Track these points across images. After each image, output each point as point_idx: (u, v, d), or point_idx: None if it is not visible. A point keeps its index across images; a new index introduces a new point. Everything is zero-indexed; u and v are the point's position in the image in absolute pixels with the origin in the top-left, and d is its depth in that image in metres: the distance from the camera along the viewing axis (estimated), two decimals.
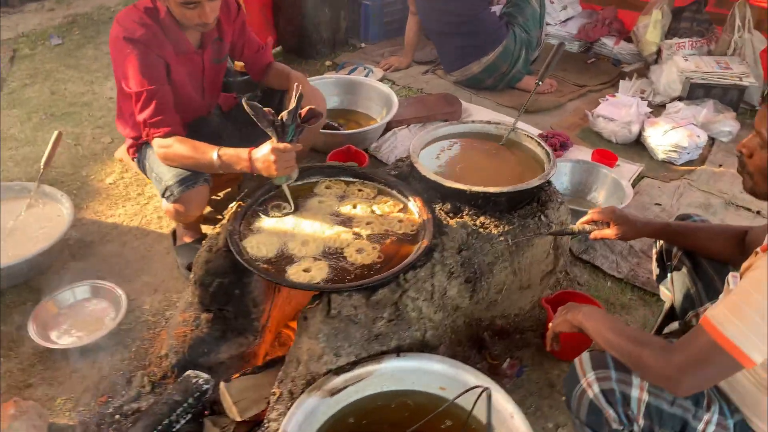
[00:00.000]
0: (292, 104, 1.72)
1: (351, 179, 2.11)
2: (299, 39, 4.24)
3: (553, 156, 2.11)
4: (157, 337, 2.10)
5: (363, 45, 4.53)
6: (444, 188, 1.97)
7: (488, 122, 2.37)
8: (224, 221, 1.89)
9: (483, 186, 1.95)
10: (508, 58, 3.63)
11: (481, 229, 1.94)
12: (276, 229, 1.86)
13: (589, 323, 1.43)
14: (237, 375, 1.86)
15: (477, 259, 1.91)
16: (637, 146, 3.27)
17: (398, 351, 1.70)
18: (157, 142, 1.97)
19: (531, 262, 2.05)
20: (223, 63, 2.31)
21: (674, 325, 1.67)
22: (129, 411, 1.86)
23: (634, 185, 2.89)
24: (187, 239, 2.39)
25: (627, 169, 3.01)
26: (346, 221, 1.91)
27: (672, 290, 1.70)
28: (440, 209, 1.98)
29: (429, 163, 2.14)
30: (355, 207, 1.97)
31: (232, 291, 1.90)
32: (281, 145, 1.75)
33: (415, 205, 1.98)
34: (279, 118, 1.73)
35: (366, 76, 3.89)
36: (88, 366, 2.01)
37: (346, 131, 3.05)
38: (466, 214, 1.97)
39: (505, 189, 1.93)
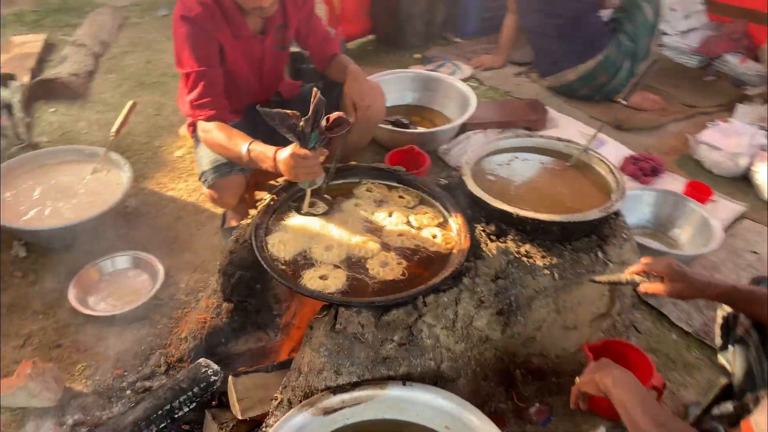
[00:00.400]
0: (310, 112, 1.62)
1: (394, 184, 1.99)
2: (392, 29, 4.15)
3: (623, 186, 1.87)
4: (184, 317, 2.11)
5: (458, 40, 4.35)
6: (490, 207, 1.80)
7: (558, 138, 2.15)
8: (254, 213, 1.84)
9: (534, 211, 1.76)
10: (608, 68, 3.32)
11: (524, 258, 1.75)
12: (303, 228, 1.78)
13: (616, 391, 1.23)
14: (246, 369, 1.81)
15: (514, 291, 1.73)
16: (742, 182, 2.87)
17: (406, 379, 1.57)
18: (200, 125, 1.94)
19: (579, 301, 1.83)
20: (286, 50, 2.25)
21: (728, 407, 1.42)
22: (140, 388, 1.88)
23: (730, 227, 2.54)
24: (234, 223, 2.38)
25: (723, 207, 2.65)
26: (377, 230, 1.80)
27: (732, 364, 1.43)
28: (483, 230, 1.81)
29: (482, 177, 1.97)
30: (390, 215, 1.85)
31: (254, 285, 1.85)
32: (301, 152, 1.66)
33: (455, 222, 1.82)
34: (300, 124, 1.64)
35: (452, 73, 3.72)
36: (115, 336, 2.05)
37: (412, 130, 2.92)
38: (511, 239, 1.79)
39: (557, 218, 1.73)
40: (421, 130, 2.96)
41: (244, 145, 1.81)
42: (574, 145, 2.10)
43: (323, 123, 1.70)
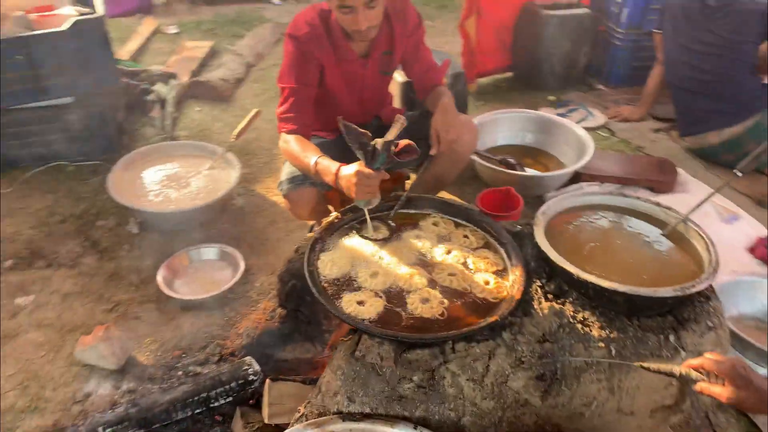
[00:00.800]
0: (390, 136, 1.64)
1: (463, 222, 1.94)
2: (530, 68, 4.07)
3: (715, 267, 1.65)
4: (248, 315, 2.22)
5: (601, 87, 4.14)
6: (552, 263, 1.68)
7: (658, 204, 1.95)
8: (318, 228, 1.90)
9: (605, 276, 1.61)
10: (758, 136, 2.96)
11: (579, 325, 1.61)
12: (356, 251, 1.80)
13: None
14: (284, 377, 1.87)
15: (562, 358, 1.59)
16: None
17: (421, 424, 1.51)
18: (282, 137, 2.06)
19: (638, 385, 1.64)
20: (389, 75, 2.30)
21: None
22: (191, 372, 2.01)
23: None
24: None
25: None
26: (429, 265, 1.76)
27: None
28: (541, 286, 1.70)
29: (558, 231, 1.85)
30: (449, 252, 1.81)
31: (304, 296, 1.90)
32: (366, 170, 1.69)
33: (513, 272, 1.73)
34: (372, 143, 1.66)
35: (583, 119, 3.56)
36: (185, 319, 2.21)
37: (517, 172, 2.82)
38: (570, 302, 1.66)
39: (620, 287, 1.56)
40: (528, 172, 2.86)
41: (313, 158, 1.89)
42: (674, 213, 1.90)
43: (393, 148, 1.72)
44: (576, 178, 2.93)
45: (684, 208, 1.91)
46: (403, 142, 1.70)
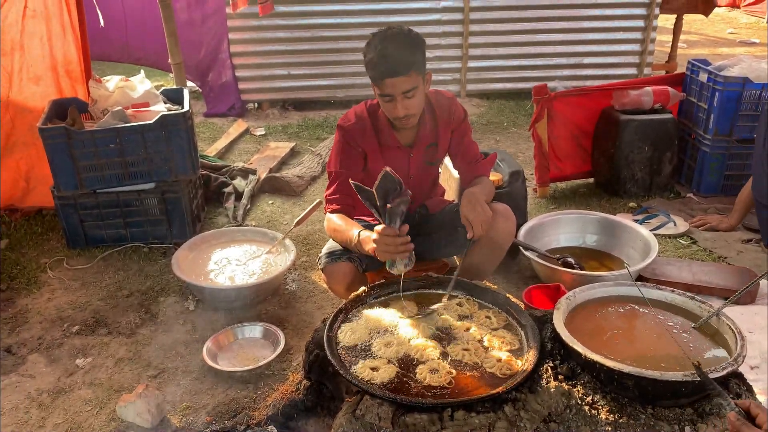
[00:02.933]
0: (374, 188, 1.98)
1: (487, 305, 2.17)
2: (610, 174, 4.28)
3: (737, 359, 1.75)
4: (279, 388, 2.49)
5: (690, 195, 4.25)
6: (564, 344, 1.85)
7: (692, 297, 2.08)
8: (346, 301, 2.20)
9: (617, 360, 1.76)
10: None
11: (586, 407, 1.74)
12: (376, 321, 2.07)
13: None
14: None
15: None
16: None
17: None
18: (327, 216, 2.43)
19: None
20: (435, 166, 2.66)
21: None
22: None
23: None
24: None
25: None
26: (445, 338, 1.99)
27: None
28: (553, 366, 1.86)
29: (582, 317, 2.03)
30: (467, 330, 2.03)
31: (327, 367, 2.16)
32: (381, 228, 2.03)
33: (528, 353, 1.92)
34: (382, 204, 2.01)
35: (660, 226, 3.68)
36: (222, 390, 2.52)
37: (572, 270, 2.99)
38: (581, 384, 1.81)
39: (625, 369, 1.71)
40: (583, 272, 3.02)
41: (355, 231, 2.25)
42: (708, 307, 2.02)
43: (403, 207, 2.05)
44: (637, 280, 3.05)
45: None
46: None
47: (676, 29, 6.72)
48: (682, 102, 4.35)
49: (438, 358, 1.90)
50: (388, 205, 2.02)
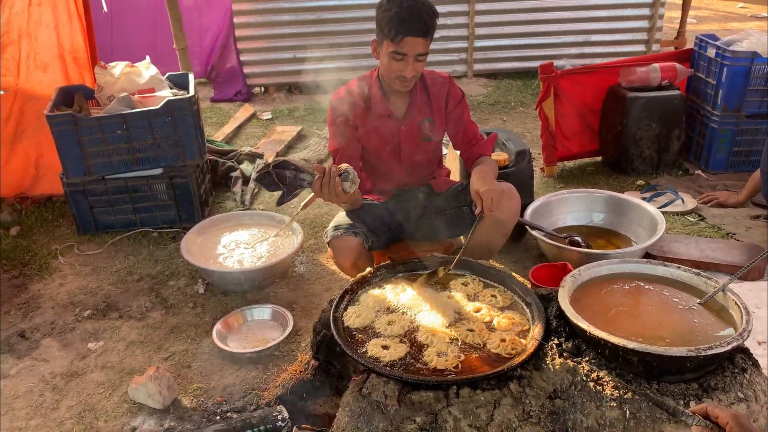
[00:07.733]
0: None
1: (493, 284, 2.17)
2: (617, 152, 4.25)
3: (745, 333, 1.74)
4: (288, 369, 2.51)
5: (698, 172, 4.22)
6: (569, 321, 1.86)
7: (698, 273, 2.07)
8: (352, 281, 2.21)
9: (622, 336, 1.76)
10: None
11: (591, 383, 1.75)
12: (380, 300, 2.08)
13: None
14: (311, 428, 2.12)
15: (573, 417, 1.73)
16: None
17: None
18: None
19: None
20: (431, 141, 2.64)
21: None
22: (228, 417, 2.31)
23: None
24: None
25: None
26: (452, 320, 2.00)
27: None
28: (558, 344, 1.87)
29: (587, 294, 2.03)
30: (478, 311, 2.04)
31: (334, 347, 2.18)
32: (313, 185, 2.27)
33: (533, 330, 1.92)
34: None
35: (669, 203, 3.66)
36: (232, 371, 2.55)
37: (579, 249, 2.98)
38: (586, 361, 1.81)
39: (630, 344, 1.71)
40: (590, 250, 3.01)
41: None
42: (714, 282, 2.01)
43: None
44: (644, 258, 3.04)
45: None
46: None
47: (685, 4, 6.60)
48: (690, 78, 4.30)
49: (446, 342, 1.91)
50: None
